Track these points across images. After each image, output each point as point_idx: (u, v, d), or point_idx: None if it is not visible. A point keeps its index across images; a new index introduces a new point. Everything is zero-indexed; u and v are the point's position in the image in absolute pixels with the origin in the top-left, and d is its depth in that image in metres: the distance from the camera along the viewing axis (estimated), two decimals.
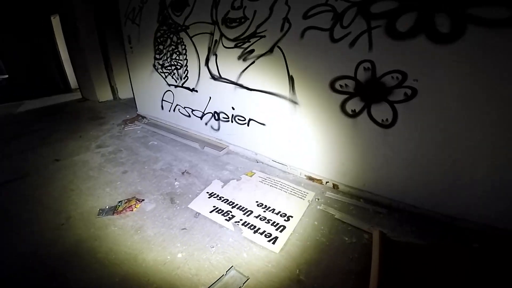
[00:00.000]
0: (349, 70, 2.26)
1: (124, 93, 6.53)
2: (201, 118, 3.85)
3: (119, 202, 2.53)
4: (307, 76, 2.56)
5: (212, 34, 3.17)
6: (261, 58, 2.83)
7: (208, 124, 3.80)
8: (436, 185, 2.17)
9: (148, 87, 4.49)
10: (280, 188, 2.82)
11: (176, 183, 2.91)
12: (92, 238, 2.14)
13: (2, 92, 8.20)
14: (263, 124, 3.16)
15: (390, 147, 2.26)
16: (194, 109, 3.89)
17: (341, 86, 2.35)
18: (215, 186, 2.86)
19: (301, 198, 2.65)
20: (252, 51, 2.87)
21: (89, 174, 3.07)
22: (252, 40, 2.82)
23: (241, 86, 3.15)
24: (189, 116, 4.02)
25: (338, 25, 2.19)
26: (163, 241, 2.11)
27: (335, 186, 2.77)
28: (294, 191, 2.76)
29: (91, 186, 2.84)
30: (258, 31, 2.74)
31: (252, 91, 3.07)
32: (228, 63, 3.14)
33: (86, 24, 5.67)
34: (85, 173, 3.10)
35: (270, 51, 2.71)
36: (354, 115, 2.37)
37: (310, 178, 2.94)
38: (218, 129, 3.70)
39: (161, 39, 3.83)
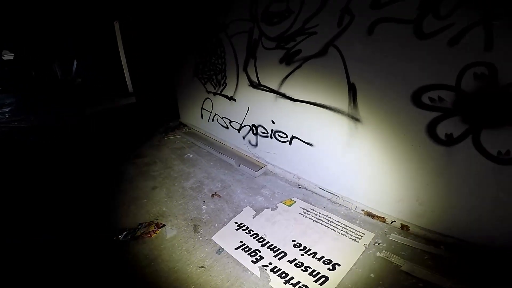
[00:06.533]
0: (447, 77, 1.80)
1: (172, 99, 6.96)
2: (238, 130, 3.75)
3: (140, 224, 2.56)
4: (377, 84, 2.17)
5: (251, 32, 3.02)
6: (310, 61, 2.55)
7: (245, 138, 3.69)
8: None
9: (189, 94, 4.65)
10: (327, 225, 2.50)
11: (203, 207, 2.84)
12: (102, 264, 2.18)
13: (78, 93, 9.80)
14: (310, 144, 2.87)
15: (505, 189, 1.79)
16: (232, 120, 3.83)
17: (431, 99, 1.90)
18: (246, 215, 2.68)
19: (355, 240, 2.31)
20: (298, 52, 2.61)
21: (119, 187, 3.26)
22: (298, 39, 2.57)
23: (283, 95, 2.91)
24: (227, 127, 3.97)
25: (430, 15, 1.76)
26: (175, 280, 2.01)
27: (404, 227, 2.34)
28: (345, 230, 2.42)
29: (117, 202, 2.98)
30: (306, 27, 2.47)
31: (297, 102, 2.81)
32: (269, 68, 2.95)
33: (141, 28, 6.25)
34: (115, 186, 3.30)
35: (323, 52, 2.41)
36: (449, 141, 1.91)
37: (369, 214, 2.55)
38: (256, 145, 3.54)
39: (202, 40, 3.86)
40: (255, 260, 2.15)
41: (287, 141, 3.09)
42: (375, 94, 2.19)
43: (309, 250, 2.22)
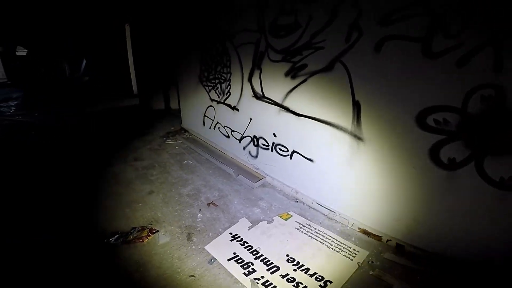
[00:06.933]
0: (453, 99, 1.77)
1: (175, 103, 7.06)
2: (239, 140, 3.76)
3: (133, 229, 2.55)
4: (382, 103, 2.15)
5: (257, 44, 3.05)
6: (315, 76, 2.56)
7: (246, 148, 3.69)
8: None
9: (193, 100, 4.70)
10: (322, 241, 2.48)
11: (199, 215, 2.82)
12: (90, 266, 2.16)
13: (84, 91, 9.93)
14: (311, 160, 2.87)
15: (506, 214, 1.77)
16: (233, 129, 3.84)
17: (436, 122, 1.87)
18: (241, 227, 2.66)
19: (349, 257, 2.28)
20: (304, 66, 2.63)
21: (116, 190, 3.26)
22: (305, 53, 2.57)
23: (287, 109, 2.93)
24: (228, 136, 3.98)
25: (440, 33, 1.73)
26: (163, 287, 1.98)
27: (399, 247, 2.32)
28: (340, 247, 2.40)
29: (112, 205, 2.97)
30: (313, 41, 2.47)
31: (300, 117, 2.81)
32: (273, 80, 2.97)
33: (150, 32, 6.35)
34: (112, 188, 3.30)
35: (329, 67, 2.41)
36: (451, 166, 1.89)
37: (365, 232, 2.53)
38: (256, 156, 3.54)
39: (208, 48, 3.92)
40: (247, 273, 2.13)
41: (288, 155, 3.09)
42: (379, 113, 2.19)
43: (302, 265, 2.19)
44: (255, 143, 3.49)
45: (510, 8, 1.50)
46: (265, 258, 2.28)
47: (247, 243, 2.45)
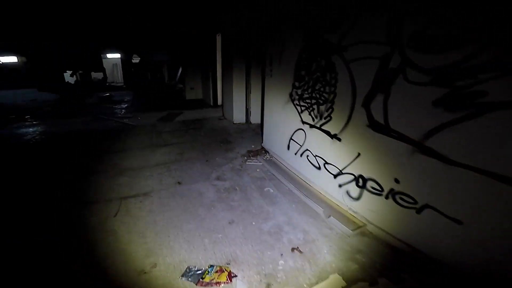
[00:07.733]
0: None
1: (255, 118, 7.01)
2: (335, 176, 3.18)
3: (210, 267, 2.27)
4: None
5: (385, 59, 2.40)
6: (499, 112, 1.74)
7: (343, 187, 3.08)
8: None
9: (279, 120, 4.33)
10: None
11: (280, 261, 2.40)
12: None
13: (177, 98, 10.99)
14: (458, 222, 2.06)
15: None
16: (328, 162, 3.28)
17: None
18: (333, 286, 2.11)
19: None
20: (478, 94, 1.82)
21: (198, 212, 3.10)
22: (483, 76, 1.78)
23: (428, 150, 2.16)
24: (319, 168, 3.45)
25: None
26: None
27: None
28: None
29: (192, 230, 2.80)
30: (505, 61, 1.67)
31: (453, 167, 2.02)
32: (409, 109, 2.25)
33: (239, 42, 6.40)
34: (194, 210, 3.16)
35: None
36: None
37: None
38: (357, 199, 2.90)
39: (305, 62, 3.47)
40: None
41: (415, 208, 2.34)
42: None
43: None
44: (359, 184, 2.85)
45: None
46: None
47: None
